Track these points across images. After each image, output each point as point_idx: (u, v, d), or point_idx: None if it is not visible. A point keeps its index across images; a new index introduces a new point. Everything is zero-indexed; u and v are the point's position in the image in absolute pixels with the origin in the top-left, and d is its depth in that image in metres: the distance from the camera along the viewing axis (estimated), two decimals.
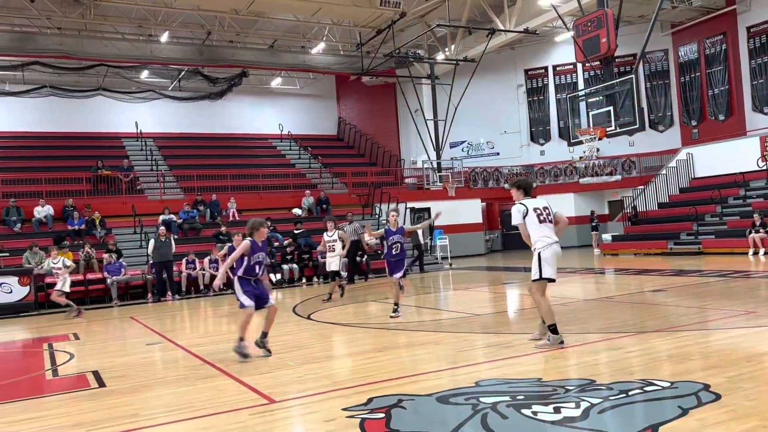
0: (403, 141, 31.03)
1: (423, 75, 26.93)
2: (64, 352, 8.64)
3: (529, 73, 29.40)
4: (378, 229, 11.40)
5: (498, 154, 29.57)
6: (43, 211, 19.08)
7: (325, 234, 13.24)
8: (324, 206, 23.03)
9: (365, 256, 19.69)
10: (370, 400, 4.93)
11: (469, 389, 5.08)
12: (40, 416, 5.28)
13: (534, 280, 6.62)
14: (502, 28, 22.88)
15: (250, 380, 5.94)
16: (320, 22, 23.87)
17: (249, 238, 7.10)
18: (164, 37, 23.05)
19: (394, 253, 9.94)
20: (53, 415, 5.29)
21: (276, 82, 30.65)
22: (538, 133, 29.38)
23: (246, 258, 7.00)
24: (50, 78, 24.40)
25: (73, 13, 20.24)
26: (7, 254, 16.53)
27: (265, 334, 7.20)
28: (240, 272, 7.06)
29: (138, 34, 23.03)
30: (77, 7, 19.82)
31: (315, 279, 18.40)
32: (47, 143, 25.16)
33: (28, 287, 14.97)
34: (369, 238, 20.44)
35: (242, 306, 7.05)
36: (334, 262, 12.99)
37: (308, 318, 10.67)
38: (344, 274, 14.09)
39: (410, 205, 23.58)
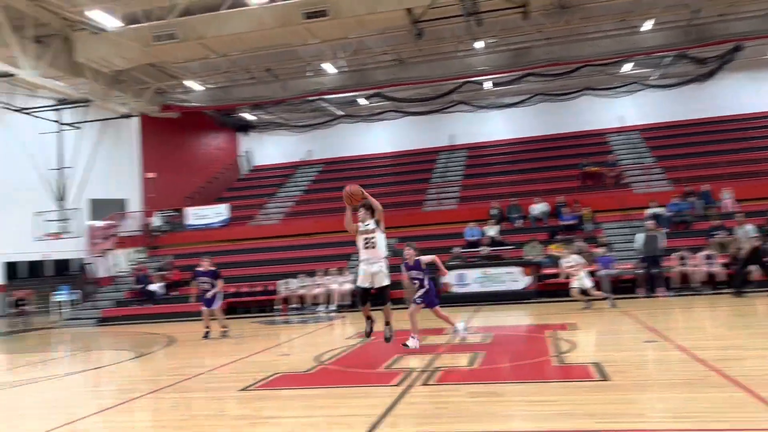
0: None
1: None
2: (566, 340, 9.28)
3: None
4: None
5: None
6: (538, 208, 21.07)
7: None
8: None
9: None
10: None
11: None
12: (550, 400, 5.78)
13: None
14: None
15: None
16: None
17: None
18: (646, 26, 22.47)
19: None
20: (562, 401, 5.72)
21: None
22: None
23: None
24: (540, 86, 26.73)
25: (559, 21, 21.62)
26: (512, 247, 18.82)
27: None
28: None
29: (620, 29, 23.06)
30: (563, 15, 21.09)
31: None
32: (539, 146, 27.59)
33: (530, 277, 16.73)
34: None
35: None
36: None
37: None
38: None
39: None
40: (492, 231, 19.78)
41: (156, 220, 25.81)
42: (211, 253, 22.19)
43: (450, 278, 17.28)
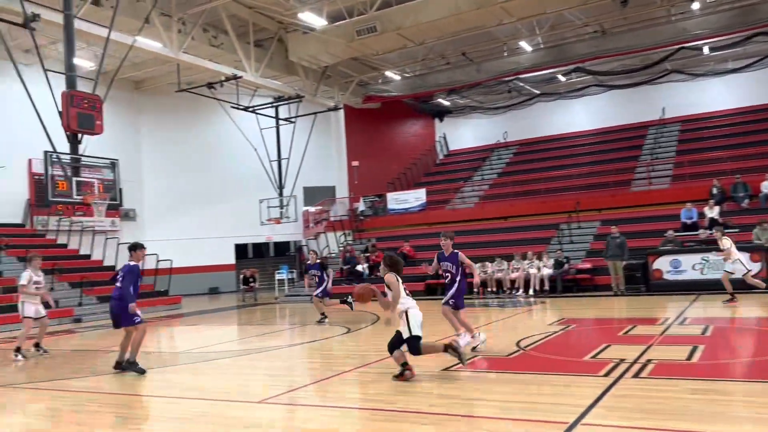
0: None
1: None
2: None
3: None
4: None
5: None
6: None
7: None
8: None
9: None
10: None
11: None
12: None
13: None
14: None
15: None
16: None
17: None
18: None
19: None
20: None
21: None
22: None
23: None
24: None
25: None
26: (737, 230, 16.79)
27: None
28: None
29: None
30: None
31: None
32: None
33: (760, 264, 14.81)
34: None
35: None
36: None
37: None
38: None
39: None
40: (712, 212, 17.86)
41: (361, 205, 27.39)
42: (409, 236, 23.13)
43: (662, 264, 16.00)
